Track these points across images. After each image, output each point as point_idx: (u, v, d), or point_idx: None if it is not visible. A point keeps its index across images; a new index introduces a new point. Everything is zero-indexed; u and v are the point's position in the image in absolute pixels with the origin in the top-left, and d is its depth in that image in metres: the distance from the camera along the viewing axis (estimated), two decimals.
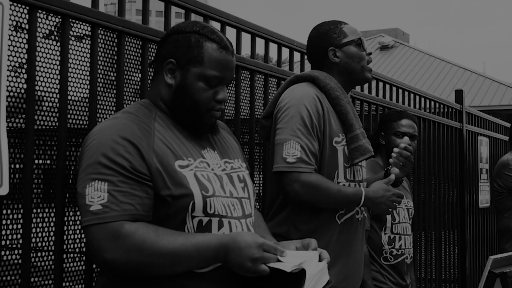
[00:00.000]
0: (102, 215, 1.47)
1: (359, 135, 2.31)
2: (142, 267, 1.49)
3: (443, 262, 4.80)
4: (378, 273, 2.95)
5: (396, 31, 23.98)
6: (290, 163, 2.15)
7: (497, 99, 14.97)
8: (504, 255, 2.50)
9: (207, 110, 1.68)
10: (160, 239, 1.48)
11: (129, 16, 55.16)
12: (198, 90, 1.66)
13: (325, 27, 2.43)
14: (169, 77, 1.68)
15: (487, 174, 5.90)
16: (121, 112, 1.68)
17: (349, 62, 2.38)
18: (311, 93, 2.27)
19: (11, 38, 1.71)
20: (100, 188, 1.49)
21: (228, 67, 1.69)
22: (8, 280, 1.79)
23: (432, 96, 4.73)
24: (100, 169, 1.51)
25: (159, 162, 1.56)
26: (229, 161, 1.77)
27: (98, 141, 1.55)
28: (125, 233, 1.46)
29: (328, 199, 2.22)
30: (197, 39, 1.67)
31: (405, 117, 3.10)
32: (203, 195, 1.58)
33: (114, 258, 1.47)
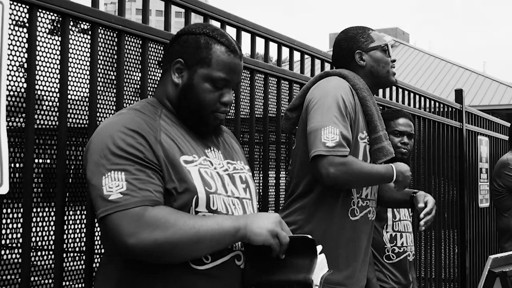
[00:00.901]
0: (123, 202, 1.47)
1: (382, 136, 2.39)
2: (167, 247, 1.48)
3: (443, 261, 4.80)
4: (380, 272, 2.95)
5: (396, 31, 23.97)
6: (330, 147, 2.19)
7: (497, 99, 14.97)
8: (503, 255, 2.51)
9: (212, 111, 1.69)
10: (181, 217, 1.50)
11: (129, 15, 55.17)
12: (204, 91, 1.67)
13: (353, 31, 2.51)
14: (176, 76, 1.70)
15: (487, 174, 5.90)
16: (127, 109, 1.69)
17: (375, 66, 2.47)
18: (345, 85, 2.34)
19: (11, 37, 1.71)
20: (117, 177, 1.49)
21: (235, 70, 1.71)
22: (8, 279, 1.79)
23: (432, 95, 4.73)
24: (115, 159, 1.51)
25: (165, 156, 1.57)
26: (232, 162, 1.78)
27: (108, 134, 1.55)
28: (149, 215, 1.47)
29: (364, 177, 2.29)
30: (207, 41, 1.69)
31: (402, 116, 3.12)
32: (207, 191, 1.60)
33: (139, 241, 1.46)
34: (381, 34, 2.55)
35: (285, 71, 2.92)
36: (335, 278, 2.27)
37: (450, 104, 5.09)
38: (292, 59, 3.07)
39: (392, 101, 4.02)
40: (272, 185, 2.91)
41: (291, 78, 2.98)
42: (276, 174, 2.88)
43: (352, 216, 2.35)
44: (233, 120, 2.60)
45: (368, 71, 2.46)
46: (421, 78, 16.67)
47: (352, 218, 2.35)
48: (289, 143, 3.00)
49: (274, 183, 2.91)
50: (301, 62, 3.21)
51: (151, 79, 2.18)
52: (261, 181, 2.82)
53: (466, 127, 5.29)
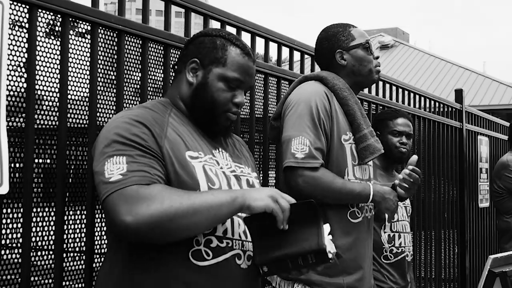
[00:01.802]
0: (121, 181, 1.48)
1: (367, 134, 2.35)
2: (164, 221, 1.47)
3: (443, 261, 4.80)
4: (378, 273, 2.95)
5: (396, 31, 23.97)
6: (299, 158, 2.17)
7: (497, 99, 14.96)
8: (503, 255, 2.51)
9: (223, 111, 1.73)
10: (176, 190, 1.51)
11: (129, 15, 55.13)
12: (218, 90, 1.72)
13: (334, 30, 2.46)
14: (191, 75, 1.74)
15: (487, 174, 5.90)
16: (136, 106, 1.73)
17: (356, 65, 2.42)
18: (319, 90, 2.30)
19: (11, 37, 1.71)
20: (119, 161, 1.51)
21: (249, 72, 1.76)
22: (8, 279, 1.79)
23: (432, 95, 4.73)
24: (117, 146, 1.54)
25: (170, 149, 1.59)
26: (240, 166, 1.81)
27: (113, 126, 1.59)
28: (144, 191, 1.47)
29: (332, 194, 2.22)
30: (222, 42, 1.75)
31: (401, 116, 3.12)
32: (209, 187, 1.61)
33: (136, 218, 1.45)
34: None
35: (285, 71, 2.92)
36: (346, 281, 2.27)
37: (450, 104, 5.09)
38: (292, 59, 3.07)
39: (392, 101, 4.02)
40: (272, 185, 2.91)
41: (291, 78, 2.98)
42: (276, 174, 2.88)
43: (353, 218, 2.33)
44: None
45: (350, 71, 2.42)
46: (421, 78, 16.67)
47: (354, 221, 2.33)
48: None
49: (274, 183, 2.91)
50: (301, 62, 3.21)
51: (151, 79, 2.18)
52: (261, 181, 2.82)
53: (466, 127, 5.29)
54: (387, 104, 3.83)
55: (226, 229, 1.63)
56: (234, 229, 1.64)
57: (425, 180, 4.38)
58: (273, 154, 2.93)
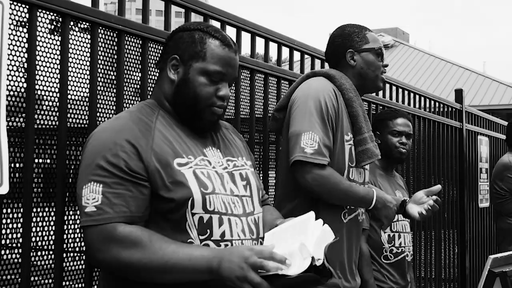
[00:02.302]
0: (95, 217, 1.50)
1: (367, 138, 2.35)
2: (132, 271, 1.50)
3: (443, 261, 4.80)
4: (378, 273, 2.95)
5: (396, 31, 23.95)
6: (308, 153, 2.18)
7: (497, 99, 14.96)
8: (503, 255, 2.51)
9: (207, 105, 1.69)
10: (152, 244, 1.49)
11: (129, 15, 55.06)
12: (200, 85, 1.68)
13: (350, 29, 2.47)
14: (172, 72, 1.71)
15: (487, 174, 5.90)
16: (124, 111, 1.71)
17: (365, 68, 2.43)
18: (328, 87, 2.31)
19: (11, 37, 1.71)
20: (95, 189, 1.51)
21: (231, 64, 1.71)
22: (8, 279, 1.79)
23: (432, 95, 4.73)
24: (96, 170, 1.53)
25: (158, 161, 1.57)
26: (232, 159, 1.77)
27: (97, 142, 1.58)
28: (118, 235, 1.49)
29: (338, 194, 2.24)
30: (201, 36, 1.70)
31: (400, 116, 3.13)
32: (202, 192, 1.59)
33: (105, 259, 1.50)
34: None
35: (285, 71, 2.92)
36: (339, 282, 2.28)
37: (450, 104, 5.09)
38: (292, 59, 3.07)
39: (392, 101, 4.02)
40: (272, 185, 2.91)
41: (291, 78, 2.98)
42: (276, 174, 2.88)
43: (345, 218, 2.34)
44: (233, 120, 2.60)
45: (357, 72, 2.43)
46: (421, 78, 16.66)
47: (345, 220, 2.34)
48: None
49: (274, 183, 2.91)
50: (301, 62, 3.21)
51: (151, 79, 2.18)
52: (261, 181, 2.82)
53: (466, 127, 5.29)
54: (387, 104, 3.83)
55: (223, 232, 1.61)
56: (232, 230, 1.63)
57: (425, 180, 4.38)
58: (273, 154, 2.93)
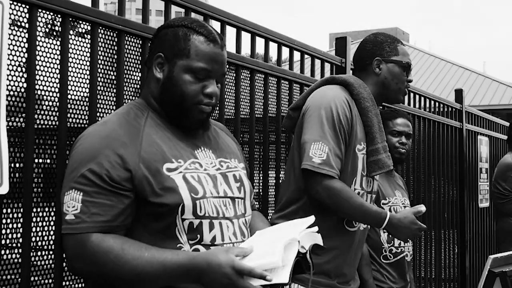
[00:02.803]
0: (73, 225, 1.51)
1: (380, 149, 2.35)
2: (106, 279, 1.51)
3: (443, 261, 4.80)
4: (377, 272, 2.95)
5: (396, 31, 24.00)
6: (316, 163, 2.18)
7: (497, 99, 14.96)
8: (503, 255, 2.51)
9: (194, 103, 1.65)
10: (125, 253, 1.48)
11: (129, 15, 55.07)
12: (185, 82, 1.64)
13: (382, 38, 2.49)
14: (158, 71, 1.68)
15: (487, 174, 5.89)
16: (112, 114, 1.69)
17: (388, 78, 2.43)
18: (341, 96, 2.30)
19: (11, 37, 1.71)
20: (75, 197, 1.52)
21: (217, 60, 1.67)
22: (8, 279, 1.79)
23: (432, 95, 4.73)
24: (78, 178, 1.53)
25: (146, 168, 1.55)
26: (225, 160, 1.74)
27: (82, 148, 1.57)
28: (90, 245, 1.49)
29: (349, 209, 2.24)
30: (185, 32, 1.66)
31: (400, 116, 3.12)
32: (192, 197, 1.58)
33: (80, 268, 1.51)
34: (408, 51, 2.52)
35: (285, 71, 2.92)
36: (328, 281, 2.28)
37: (450, 104, 5.09)
38: (292, 59, 3.07)
39: None
40: (272, 185, 2.91)
41: (291, 78, 2.98)
42: (276, 174, 2.88)
43: (349, 226, 2.35)
44: (233, 120, 2.60)
45: (381, 81, 2.44)
46: (421, 78, 16.67)
47: (350, 229, 2.35)
48: (289, 143, 3.00)
49: (274, 183, 2.91)
50: (301, 62, 3.21)
51: None
52: (261, 181, 2.82)
53: (466, 127, 5.29)
54: (387, 104, 3.82)
55: (214, 236, 1.60)
56: (224, 233, 1.62)
57: (425, 180, 4.38)
58: (273, 154, 2.93)
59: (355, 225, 2.35)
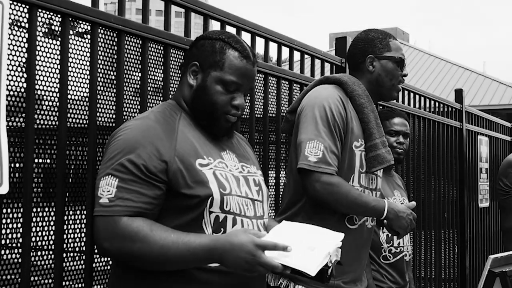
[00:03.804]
0: (106, 208, 1.59)
1: (379, 144, 2.34)
2: (133, 259, 1.58)
3: (443, 261, 4.80)
4: (377, 272, 2.96)
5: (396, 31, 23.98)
6: (312, 162, 2.18)
7: (497, 99, 14.96)
8: (503, 255, 2.51)
9: (223, 113, 1.78)
10: (153, 234, 1.57)
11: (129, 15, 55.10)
12: (216, 93, 1.77)
13: (374, 34, 2.47)
14: (191, 78, 1.80)
15: (487, 174, 5.90)
16: (149, 111, 1.80)
17: (383, 75, 2.42)
18: (334, 95, 2.31)
19: (11, 37, 1.71)
20: (111, 183, 1.60)
21: (247, 75, 1.80)
22: (8, 279, 1.79)
23: (432, 95, 4.73)
24: (116, 165, 1.62)
25: (181, 161, 1.66)
26: (246, 165, 1.87)
27: (122, 139, 1.66)
28: (121, 226, 1.57)
29: (348, 203, 2.23)
30: (221, 46, 1.79)
31: (397, 116, 3.12)
32: (221, 192, 1.68)
33: (110, 248, 1.59)
34: (401, 46, 2.50)
35: (285, 71, 2.92)
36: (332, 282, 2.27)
37: (450, 104, 5.09)
38: (292, 59, 3.07)
39: (392, 101, 4.01)
40: (272, 185, 2.91)
41: (291, 78, 2.98)
42: (276, 174, 2.88)
43: (350, 224, 2.34)
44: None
45: (374, 79, 2.43)
46: (421, 78, 16.66)
47: (350, 227, 2.34)
48: (289, 143, 3.00)
49: (274, 183, 2.91)
50: (301, 62, 3.21)
51: (151, 79, 2.18)
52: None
53: (466, 127, 5.29)
54: (386, 104, 3.83)
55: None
56: None
57: (425, 180, 4.38)
58: (273, 154, 2.93)
59: (356, 222, 2.34)
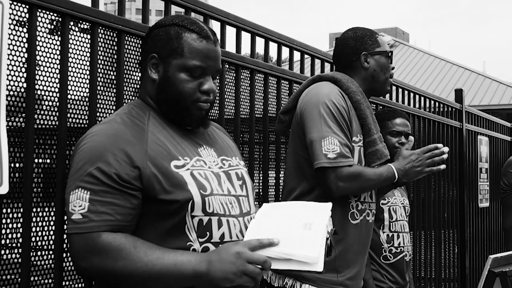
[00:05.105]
0: (81, 224, 1.48)
1: (377, 139, 2.38)
2: (116, 277, 1.49)
3: (443, 261, 4.80)
4: (377, 272, 2.96)
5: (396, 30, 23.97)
6: (331, 158, 2.21)
7: (497, 99, 14.96)
8: (503, 254, 2.51)
9: (192, 101, 1.65)
10: (137, 250, 1.47)
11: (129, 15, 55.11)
12: (181, 82, 1.63)
13: (362, 32, 2.49)
14: (153, 72, 1.67)
15: (486, 174, 5.90)
16: (114, 114, 1.68)
17: (378, 70, 2.46)
18: (335, 90, 2.33)
19: (11, 37, 1.71)
20: (82, 196, 1.49)
21: (211, 56, 1.66)
22: (8, 279, 1.79)
23: (432, 95, 4.73)
24: (85, 177, 1.50)
25: (154, 165, 1.54)
26: (227, 158, 1.75)
27: (88, 146, 1.54)
28: (101, 243, 1.46)
29: (369, 184, 2.32)
30: (177, 31, 1.65)
31: (399, 116, 3.12)
32: (202, 194, 1.57)
33: (89, 267, 1.48)
34: (385, 38, 2.55)
35: (285, 71, 2.92)
36: (337, 279, 2.28)
37: (450, 104, 5.09)
38: (292, 59, 3.07)
39: (392, 101, 4.02)
40: (272, 185, 2.91)
41: (291, 78, 2.98)
42: (276, 174, 2.88)
43: (353, 219, 2.35)
44: (233, 120, 2.60)
45: (370, 75, 2.45)
46: (421, 78, 16.67)
47: (353, 222, 2.35)
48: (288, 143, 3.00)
49: (274, 183, 2.91)
50: (301, 62, 3.21)
51: None
52: (261, 181, 2.82)
53: (466, 127, 5.29)
54: (386, 104, 3.83)
55: (223, 233, 1.60)
56: (231, 232, 1.62)
57: (425, 180, 4.38)
58: (273, 154, 2.93)
59: (357, 217, 2.36)
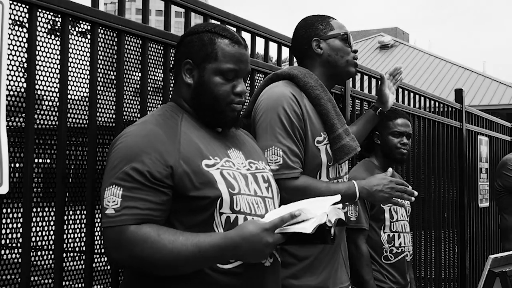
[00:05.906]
0: (113, 219, 1.54)
1: (342, 134, 2.27)
2: (145, 266, 1.55)
3: (443, 261, 4.80)
4: (378, 273, 2.96)
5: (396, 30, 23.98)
6: (274, 170, 2.09)
7: (497, 99, 14.96)
8: (503, 254, 2.51)
9: (227, 104, 1.75)
10: (161, 238, 1.53)
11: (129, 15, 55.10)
12: (216, 85, 1.73)
13: (312, 19, 2.41)
14: (187, 77, 1.76)
15: (486, 174, 5.90)
16: (149, 115, 1.75)
17: (333, 55, 2.35)
18: (287, 93, 2.21)
19: (11, 37, 1.71)
20: (115, 193, 1.56)
21: (242, 59, 1.77)
22: (8, 279, 1.79)
23: (432, 95, 4.73)
24: (119, 174, 1.57)
25: (186, 164, 1.61)
26: (254, 161, 1.83)
27: (123, 146, 1.61)
28: (128, 235, 1.53)
29: None
30: (210, 37, 1.75)
31: (400, 116, 3.12)
32: (230, 192, 1.64)
33: (119, 257, 1.55)
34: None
35: None
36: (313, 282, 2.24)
37: (450, 104, 5.09)
38: (292, 58, 3.06)
39: None
40: None
41: None
42: None
43: None
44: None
45: (325, 60, 2.35)
46: (421, 78, 16.66)
47: None
48: None
49: None
50: None
51: (151, 79, 2.18)
52: None
53: (466, 127, 5.29)
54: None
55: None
56: None
57: (425, 180, 4.38)
58: None
59: None
